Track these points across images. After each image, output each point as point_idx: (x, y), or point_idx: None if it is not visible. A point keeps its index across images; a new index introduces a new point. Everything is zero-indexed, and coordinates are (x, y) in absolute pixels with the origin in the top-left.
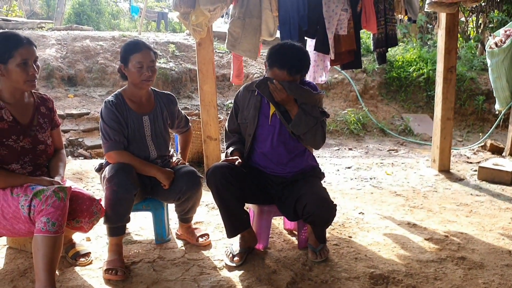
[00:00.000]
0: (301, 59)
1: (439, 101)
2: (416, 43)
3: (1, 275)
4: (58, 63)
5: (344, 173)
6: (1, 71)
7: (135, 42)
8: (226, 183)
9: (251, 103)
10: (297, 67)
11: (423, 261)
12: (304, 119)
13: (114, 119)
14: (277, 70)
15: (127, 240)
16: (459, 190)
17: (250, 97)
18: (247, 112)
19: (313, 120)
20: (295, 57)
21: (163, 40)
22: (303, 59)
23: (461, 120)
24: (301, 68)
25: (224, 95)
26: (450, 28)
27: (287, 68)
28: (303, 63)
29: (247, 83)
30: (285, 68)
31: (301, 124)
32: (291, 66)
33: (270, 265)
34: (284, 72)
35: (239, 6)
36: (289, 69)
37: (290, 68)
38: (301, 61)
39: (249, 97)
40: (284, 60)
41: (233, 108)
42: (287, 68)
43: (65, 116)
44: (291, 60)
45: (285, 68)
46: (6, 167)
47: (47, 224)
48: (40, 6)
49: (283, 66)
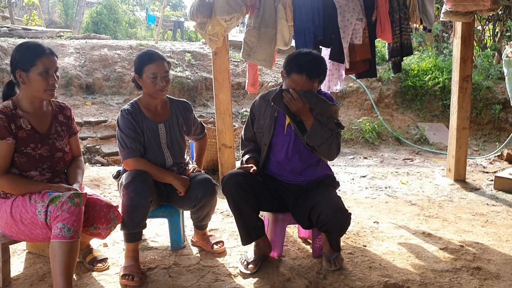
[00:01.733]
0: (319, 63)
1: (454, 110)
2: (431, 52)
3: (21, 279)
4: (76, 71)
5: (359, 182)
6: (23, 79)
7: (149, 53)
8: (241, 191)
9: (267, 112)
10: (316, 71)
11: (438, 270)
12: (320, 131)
13: (130, 127)
14: (295, 75)
15: (143, 246)
16: (475, 200)
17: (266, 106)
18: (263, 121)
19: (328, 132)
20: (313, 61)
21: (180, 49)
22: (321, 63)
23: (477, 129)
24: (320, 71)
25: (239, 104)
26: (466, 37)
27: (306, 72)
28: (321, 67)
29: (263, 92)
30: (303, 72)
31: (316, 135)
32: (310, 69)
33: (284, 273)
34: (303, 76)
35: (255, 16)
36: (308, 72)
37: (309, 71)
38: (320, 65)
39: (265, 106)
40: (302, 64)
41: (249, 117)
42: (306, 72)
43: (83, 124)
44: (309, 64)
45: (304, 71)
46: (25, 174)
47: (63, 230)
48: (58, 15)
49: (301, 70)
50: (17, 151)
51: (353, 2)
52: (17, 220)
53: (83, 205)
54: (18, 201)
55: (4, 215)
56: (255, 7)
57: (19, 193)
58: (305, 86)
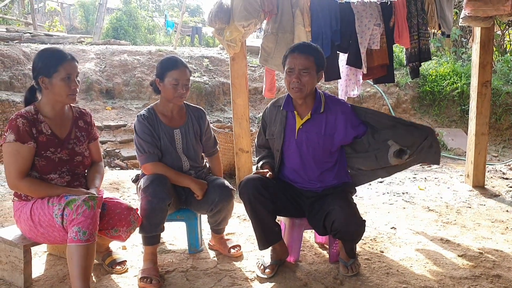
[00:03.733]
0: (310, 44)
1: (473, 115)
2: (450, 57)
3: (41, 281)
4: (97, 76)
5: (376, 187)
6: (45, 84)
7: (174, 59)
8: (259, 195)
9: (277, 119)
10: (307, 48)
11: (456, 277)
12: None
13: (147, 132)
14: (289, 57)
15: (161, 249)
16: (494, 207)
17: (277, 112)
18: (274, 127)
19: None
20: (303, 43)
21: (198, 54)
22: (311, 45)
23: (497, 135)
24: (311, 49)
25: (256, 109)
26: (485, 42)
27: (297, 49)
28: (311, 46)
29: (273, 99)
30: (295, 50)
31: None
32: (299, 46)
33: (301, 278)
34: (294, 53)
35: (273, 22)
36: (299, 49)
37: (299, 48)
38: (310, 45)
39: (275, 112)
40: (292, 47)
41: (261, 124)
42: (297, 49)
43: (103, 128)
44: (299, 44)
45: (295, 50)
46: (45, 177)
47: (78, 233)
48: (79, 21)
49: (292, 50)
50: (37, 154)
51: (371, 8)
52: (36, 222)
53: (99, 208)
54: (38, 204)
55: (25, 217)
56: (273, 13)
57: (38, 196)
58: (301, 64)
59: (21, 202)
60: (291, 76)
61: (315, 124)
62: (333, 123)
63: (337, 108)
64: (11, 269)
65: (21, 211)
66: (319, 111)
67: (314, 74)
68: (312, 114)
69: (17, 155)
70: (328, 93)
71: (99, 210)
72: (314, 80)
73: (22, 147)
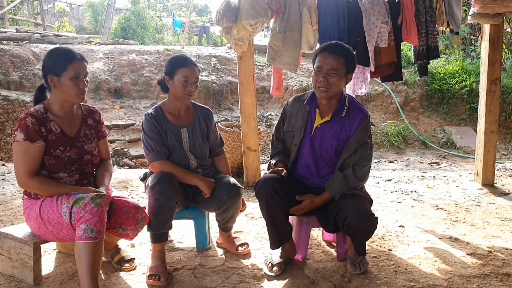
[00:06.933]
0: (342, 45)
1: (482, 113)
2: (458, 54)
3: (51, 278)
4: (105, 76)
5: (384, 185)
6: (54, 84)
7: (184, 57)
8: (276, 196)
9: (300, 113)
10: (339, 48)
11: (465, 276)
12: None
13: (155, 131)
14: (319, 56)
15: (169, 247)
16: (504, 205)
17: (299, 106)
18: (295, 121)
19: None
20: (336, 42)
21: (205, 53)
22: (343, 45)
23: (506, 133)
24: (343, 50)
25: (264, 107)
26: (494, 40)
27: (328, 49)
28: (344, 47)
29: (297, 94)
30: (326, 50)
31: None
32: (331, 46)
33: (309, 276)
34: (325, 53)
35: (280, 20)
36: (330, 49)
37: (331, 48)
38: (342, 45)
39: (298, 106)
40: (324, 46)
41: (281, 117)
42: (328, 49)
43: (111, 127)
44: (331, 44)
45: (326, 49)
46: (54, 176)
47: (86, 231)
48: (88, 22)
49: (323, 49)
50: (47, 153)
51: (379, 5)
52: (45, 220)
53: (106, 206)
54: (47, 202)
55: (34, 215)
56: (280, 11)
57: (47, 194)
58: (330, 64)
59: (31, 200)
60: (318, 75)
61: (333, 127)
62: (349, 128)
63: (356, 113)
64: (21, 267)
65: (31, 209)
66: (340, 114)
67: (343, 75)
68: (333, 117)
69: (27, 154)
70: (353, 96)
71: (106, 207)
72: (342, 82)
73: (31, 146)
